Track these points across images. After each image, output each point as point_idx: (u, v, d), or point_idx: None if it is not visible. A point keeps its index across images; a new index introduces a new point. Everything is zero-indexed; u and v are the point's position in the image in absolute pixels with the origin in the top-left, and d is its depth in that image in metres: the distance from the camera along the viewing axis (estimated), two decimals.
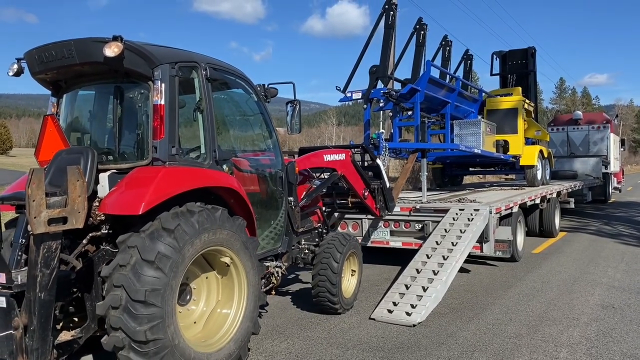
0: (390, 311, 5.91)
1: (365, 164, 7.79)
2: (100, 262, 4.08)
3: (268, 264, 5.54)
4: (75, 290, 4.05)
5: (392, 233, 8.70)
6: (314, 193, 6.54)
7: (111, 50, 4.10)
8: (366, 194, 7.36)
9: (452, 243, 7.07)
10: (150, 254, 3.70)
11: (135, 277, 3.64)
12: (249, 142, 5.89)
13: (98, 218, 4.12)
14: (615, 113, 48.81)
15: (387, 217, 8.59)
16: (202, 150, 4.69)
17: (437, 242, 7.23)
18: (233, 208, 4.79)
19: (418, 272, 6.58)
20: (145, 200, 3.84)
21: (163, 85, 4.32)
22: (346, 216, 8.89)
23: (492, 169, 14.44)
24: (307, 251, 6.41)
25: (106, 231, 4.14)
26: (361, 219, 8.84)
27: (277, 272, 5.59)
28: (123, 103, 4.72)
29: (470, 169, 14.70)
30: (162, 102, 4.31)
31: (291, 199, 5.85)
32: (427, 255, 6.92)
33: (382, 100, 9.68)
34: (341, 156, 6.92)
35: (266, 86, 5.63)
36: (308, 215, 6.74)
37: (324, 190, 7.25)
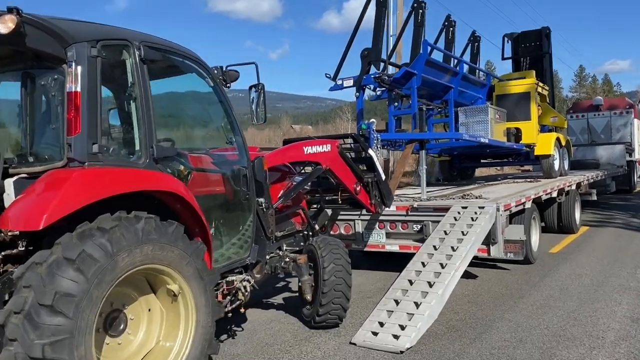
0: (375, 334, 5.00)
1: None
2: (6, 288, 3.30)
3: (234, 277, 4.70)
4: None
5: (388, 235, 7.78)
6: (293, 191, 5.69)
7: (5, 26, 3.33)
8: (358, 188, 6.50)
9: (452, 248, 6.12)
10: (72, 251, 3.08)
11: (48, 276, 3.01)
12: (205, 135, 5.07)
13: (9, 233, 3.36)
14: (639, 98, 46.91)
15: (382, 218, 7.70)
16: (137, 147, 3.88)
17: (434, 246, 6.28)
18: (180, 216, 4.00)
19: (411, 283, 5.65)
20: (47, 212, 3.12)
21: (79, 68, 3.53)
22: (338, 217, 8.04)
23: (505, 160, 13.38)
24: (287, 259, 5.57)
25: (23, 248, 3.39)
26: (354, 220, 7.94)
27: (245, 287, 4.74)
28: (35, 93, 3.96)
29: (482, 160, 13.65)
30: (78, 89, 3.53)
31: (261, 200, 5.01)
32: (422, 263, 5.98)
33: (377, 88, 8.75)
34: (326, 147, 6.05)
35: (224, 69, 4.76)
36: (288, 217, 5.90)
37: (307, 187, 6.39)
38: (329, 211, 7.87)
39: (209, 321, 3.89)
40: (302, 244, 5.98)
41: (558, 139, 11.70)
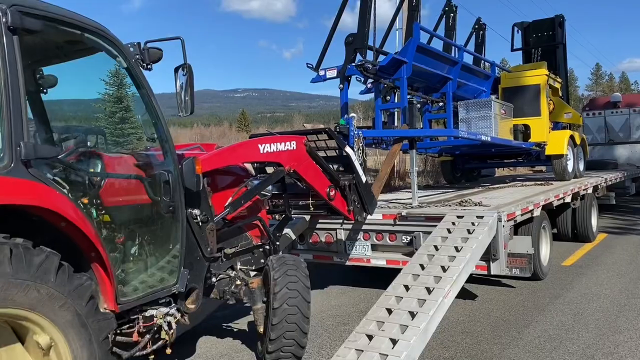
0: None
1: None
2: None
3: (153, 312, 3.71)
4: None
5: (374, 247, 6.76)
6: (243, 199, 4.67)
7: None
8: (332, 193, 5.48)
9: (443, 267, 5.05)
10: None
11: None
12: (115, 130, 4.08)
13: None
14: None
15: (366, 228, 6.70)
16: None
17: (422, 265, 5.23)
18: (69, 238, 3.05)
19: (389, 313, 4.59)
20: None
21: None
22: (318, 226, 7.03)
23: (514, 160, 12.22)
24: (238, 282, 4.60)
25: None
26: (336, 229, 6.92)
27: (169, 324, 3.75)
28: None
29: (489, 161, 12.51)
30: None
31: (196, 212, 4.03)
32: (405, 287, 4.93)
33: (368, 81, 7.68)
34: (290, 145, 5.04)
35: (143, 46, 3.75)
36: (241, 230, 4.91)
37: (267, 193, 5.40)
38: (307, 218, 6.90)
39: None
40: (262, 261, 5.00)
41: (572, 137, 10.54)
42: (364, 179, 5.84)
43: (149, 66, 3.76)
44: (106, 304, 3.30)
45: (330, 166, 5.64)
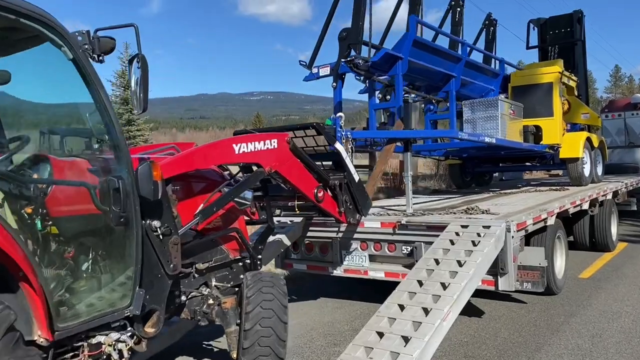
0: None
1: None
2: None
3: (102, 338, 3.23)
4: None
5: (371, 258, 6.23)
6: (216, 206, 4.12)
7: None
8: (320, 194, 4.98)
9: (443, 284, 4.51)
10: None
11: None
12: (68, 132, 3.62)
13: None
14: None
15: (364, 237, 6.19)
16: None
17: (420, 281, 4.69)
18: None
19: (380, 336, 4.07)
20: None
21: None
22: (312, 234, 6.53)
23: (528, 163, 11.58)
24: (211, 301, 4.11)
25: None
26: (331, 237, 6.40)
27: (120, 351, 3.27)
28: None
29: (501, 164, 11.88)
30: None
31: (155, 223, 3.52)
32: (400, 307, 4.39)
33: (369, 81, 7.16)
34: (270, 144, 4.51)
35: (92, 35, 3.27)
36: (216, 243, 4.39)
37: (247, 201, 4.85)
38: (300, 221, 6.40)
39: None
40: (241, 277, 4.49)
41: (589, 140, 9.88)
42: (356, 177, 5.35)
43: (99, 57, 3.29)
44: (40, 331, 2.84)
45: (319, 165, 5.16)
